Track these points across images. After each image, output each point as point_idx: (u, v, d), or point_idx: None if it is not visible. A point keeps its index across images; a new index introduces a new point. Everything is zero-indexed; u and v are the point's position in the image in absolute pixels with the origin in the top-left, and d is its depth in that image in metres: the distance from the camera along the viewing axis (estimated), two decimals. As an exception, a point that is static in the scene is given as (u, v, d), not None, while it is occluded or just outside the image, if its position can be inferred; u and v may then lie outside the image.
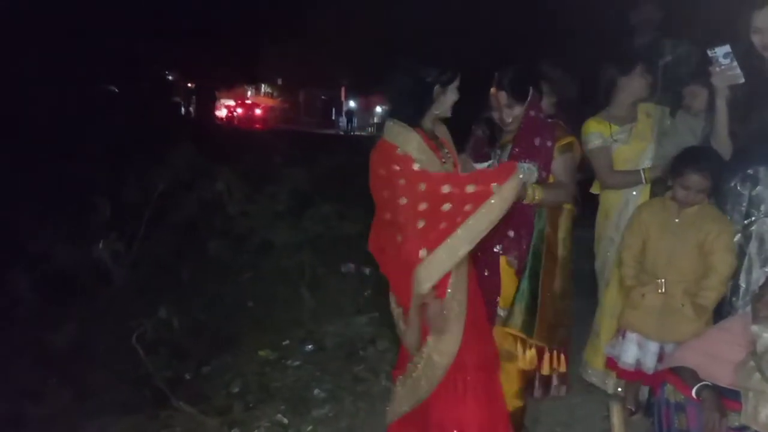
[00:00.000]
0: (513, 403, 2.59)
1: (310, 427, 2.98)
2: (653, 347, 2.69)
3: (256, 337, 3.91)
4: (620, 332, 2.83)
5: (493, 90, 2.64)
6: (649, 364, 2.69)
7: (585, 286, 3.33)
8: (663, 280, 2.67)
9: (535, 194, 2.53)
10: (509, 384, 2.57)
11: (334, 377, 3.37)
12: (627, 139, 3.08)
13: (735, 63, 2.54)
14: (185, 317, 3.84)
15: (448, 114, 2.39)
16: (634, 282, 2.77)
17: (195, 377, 3.47)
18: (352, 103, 31.46)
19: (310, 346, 3.72)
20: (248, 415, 3.07)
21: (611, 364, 2.90)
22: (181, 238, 5.07)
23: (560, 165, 2.69)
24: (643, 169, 3.02)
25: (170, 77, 21.37)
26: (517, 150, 2.64)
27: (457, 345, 2.26)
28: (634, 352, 2.75)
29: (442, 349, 2.27)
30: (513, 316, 2.65)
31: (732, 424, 2.04)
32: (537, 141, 2.64)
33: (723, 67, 2.57)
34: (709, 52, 2.58)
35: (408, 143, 2.25)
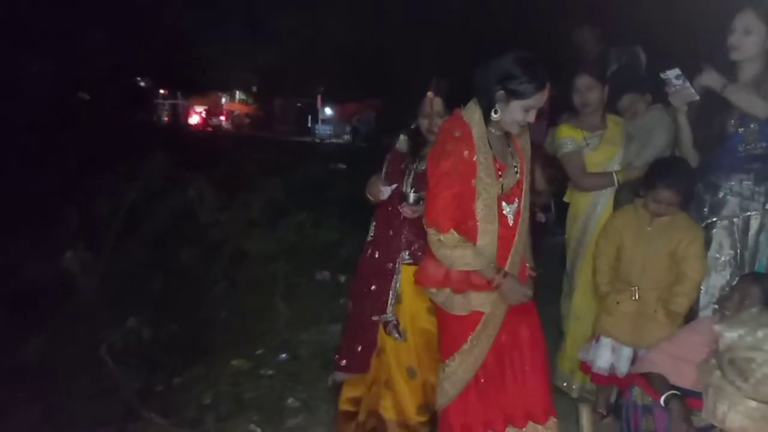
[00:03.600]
0: (415, 418, 2.60)
1: (283, 438, 2.96)
2: (627, 352, 2.74)
3: (230, 347, 3.87)
4: (594, 337, 2.87)
5: (430, 95, 2.56)
6: (623, 368, 2.74)
7: (556, 292, 3.36)
8: (637, 287, 2.72)
9: None
10: (413, 397, 2.60)
11: (308, 386, 3.34)
12: (597, 144, 3.16)
13: (687, 83, 2.65)
14: (156, 328, 3.78)
15: (512, 129, 2.26)
16: (608, 288, 2.81)
17: (166, 389, 3.41)
18: (328, 111, 31.45)
19: (284, 356, 3.69)
20: (220, 427, 3.03)
21: (585, 368, 2.94)
22: (152, 247, 5.00)
23: None
24: (615, 172, 3.10)
25: (142, 84, 21.08)
26: None
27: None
28: (608, 357, 2.80)
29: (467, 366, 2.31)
30: None
31: (698, 424, 2.09)
32: None
33: (677, 87, 2.66)
34: (662, 75, 2.68)
35: (473, 121, 2.22)
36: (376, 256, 2.67)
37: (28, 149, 6.93)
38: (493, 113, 2.21)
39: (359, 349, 2.64)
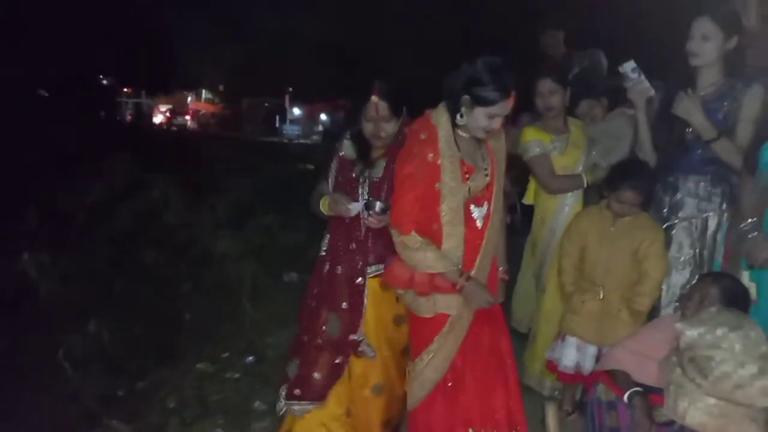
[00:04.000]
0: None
1: (249, 441, 2.92)
2: (592, 351, 2.80)
3: (195, 350, 3.79)
4: (560, 336, 2.91)
5: (374, 98, 2.41)
6: (588, 366, 2.79)
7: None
8: (601, 287, 2.77)
9: None
10: (376, 413, 2.53)
11: (275, 389, 3.27)
12: (564, 148, 3.20)
13: (642, 77, 2.71)
14: (119, 331, 3.68)
15: (477, 134, 2.26)
16: (573, 288, 2.86)
17: (129, 394, 3.32)
18: (296, 111, 31.24)
19: (250, 358, 3.64)
20: (185, 431, 2.97)
21: (551, 367, 2.98)
22: (116, 249, 4.88)
23: None
24: (584, 173, 3.15)
25: (105, 82, 20.60)
26: (392, 166, 2.41)
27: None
28: (573, 355, 2.85)
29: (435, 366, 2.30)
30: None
31: (659, 420, 2.14)
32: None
33: (633, 81, 2.73)
34: (620, 69, 2.74)
35: (440, 124, 2.24)
36: (338, 271, 2.49)
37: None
38: (458, 117, 2.22)
39: (316, 375, 2.46)
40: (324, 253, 2.57)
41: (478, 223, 2.32)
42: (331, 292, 2.49)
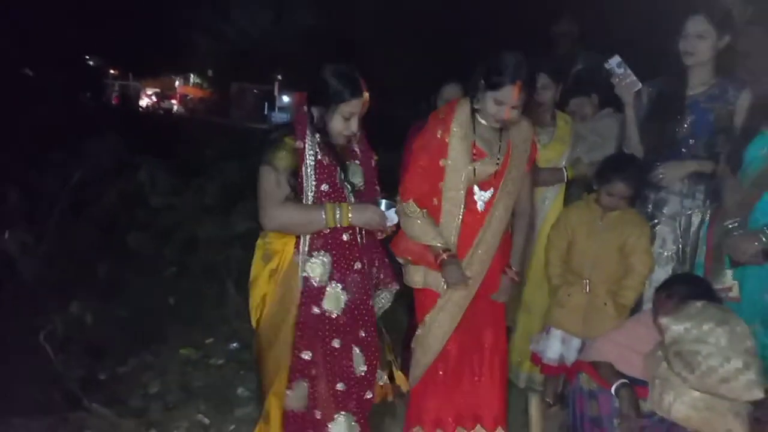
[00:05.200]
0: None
1: (232, 427, 2.90)
2: (576, 343, 2.84)
3: (179, 335, 3.76)
4: (545, 329, 2.93)
5: (366, 95, 2.20)
6: (572, 358, 2.83)
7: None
8: (587, 281, 2.79)
9: None
10: None
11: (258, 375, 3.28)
12: (548, 142, 3.22)
13: (629, 71, 2.74)
14: (102, 314, 3.64)
15: (490, 122, 2.32)
16: (560, 281, 2.88)
17: (110, 377, 3.29)
18: (285, 98, 31.01)
19: (234, 344, 3.62)
20: (167, 416, 2.94)
21: (535, 359, 3.01)
22: (100, 231, 4.81)
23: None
24: (565, 167, 3.17)
25: (92, 63, 20.29)
26: (368, 175, 2.27)
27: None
28: (557, 348, 2.88)
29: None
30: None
31: (643, 410, 2.16)
32: (372, 161, 2.32)
33: (620, 76, 2.74)
34: (605, 65, 2.76)
35: (461, 107, 2.34)
36: (334, 345, 2.16)
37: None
38: (475, 102, 2.31)
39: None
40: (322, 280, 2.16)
41: (479, 206, 2.35)
42: (341, 327, 2.17)
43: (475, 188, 2.33)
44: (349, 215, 2.10)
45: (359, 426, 2.16)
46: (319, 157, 2.14)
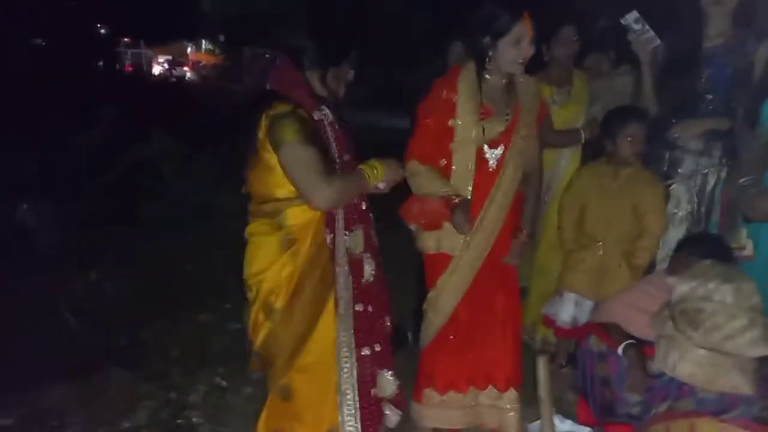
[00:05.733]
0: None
1: (249, 389, 2.97)
2: (589, 305, 2.81)
3: (197, 301, 3.83)
4: (558, 293, 2.92)
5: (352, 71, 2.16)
6: (584, 320, 2.81)
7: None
8: (601, 243, 2.77)
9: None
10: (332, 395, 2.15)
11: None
12: (565, 101, 3.16)
13: (647, 27, 2.65)
14: (120, 281, 3.71)
15: (513, 69, 2.26)
16: (574, 246, 2.85)
17: (131, 343, 3.37)
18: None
19: (251, 308, 3.68)
20: (186, 380, 3.03)
21: (548, 322, 3.01)
22: (114, 199, 4.86)
23: None
24: (581, 128, 3.11)
25: (104, 31, 20.21)
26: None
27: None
28: (571, 311, 2.88)
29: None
30: None
31: (650, 372, 2.17)
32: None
33: (637, 32, 2.66)
34: (622, 21, 2.68)
35: (466, 69, 2.30)
36: (369, 310, 2.15)
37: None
38: (487, 63, 2.26)
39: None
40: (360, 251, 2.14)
41: (491, 164, 2.33)
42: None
43: (485, 147, 2.31)
44: (383, 172, 2.08)
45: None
46: (336, 126, 2.06)
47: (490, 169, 2.32)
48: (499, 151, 2.32)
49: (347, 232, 2.08)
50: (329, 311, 2.07)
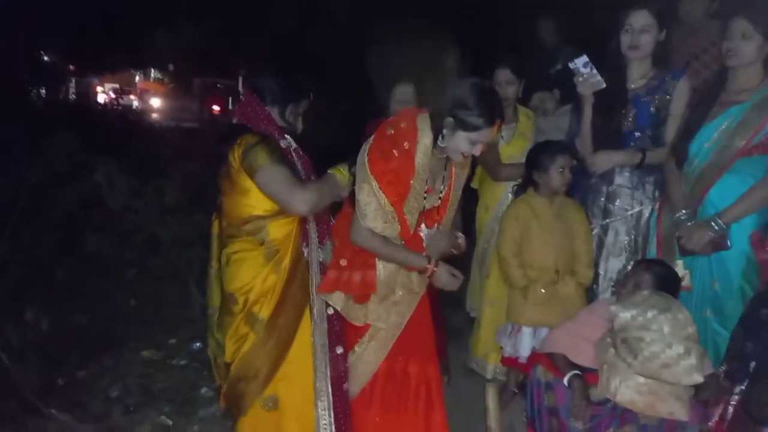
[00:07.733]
0: None
1: (196, 427, 2.90)
2: (545, 332, 2.84)
3: (140, 337, 3.72)
4: (515, 329, 2.95)
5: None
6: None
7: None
8: (556, 270, 2.85)
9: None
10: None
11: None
12: (511, 137, 3.27)
13: (595, 71, 2.78)
14: (59, 319, 3.56)
15: (454, 157, 2.22)
16: (525, 281, 2.90)
17: (69, 383, 3.23)
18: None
19: (198, 344, 3.60)
20: (128, 419, 2.93)
21: (511, 362, 3.02)
22: (56, 234, 4.68)
23: None
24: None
25: (47, 59, 19.65)
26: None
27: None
28: (529, 343, 2.91)
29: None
30: None
31: (595, 399, 2.24)
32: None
33: (585, 76, 2.80)
34: (570, 65, 2.81)
35: (423, 133, 2.16)
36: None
37: None
38: (440, 139, 2.15)
39: None
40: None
41: (425, 243, 2.34)
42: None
43: (422, 225, 2.29)
44: (348, 173, 2.30)
45: None
46: (300, 152, 2.35)
47: (425, 246, 2.33)
48: (432, 230, 2.33)
49: (320, 246, 2.32)
50: (306, 318, 2.25)
